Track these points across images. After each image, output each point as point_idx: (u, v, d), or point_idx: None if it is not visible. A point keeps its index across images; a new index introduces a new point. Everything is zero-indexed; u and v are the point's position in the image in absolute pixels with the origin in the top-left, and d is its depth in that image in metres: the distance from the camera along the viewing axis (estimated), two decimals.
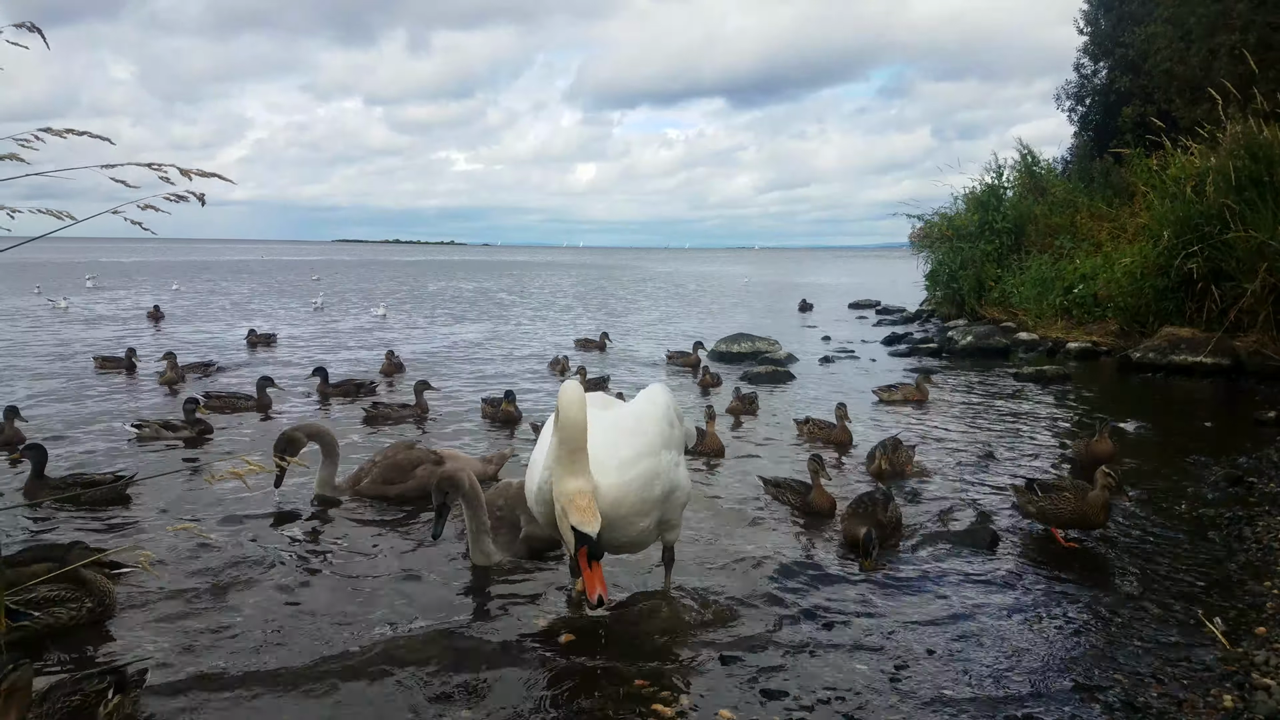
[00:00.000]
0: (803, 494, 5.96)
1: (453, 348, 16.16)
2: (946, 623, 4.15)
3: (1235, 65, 15.67)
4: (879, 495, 5.33)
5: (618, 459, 3.69)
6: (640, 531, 3.83)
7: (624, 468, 3.69)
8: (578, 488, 3.43)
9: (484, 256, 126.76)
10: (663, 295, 35.53)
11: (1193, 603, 4.34)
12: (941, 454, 7.66)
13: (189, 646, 3.84)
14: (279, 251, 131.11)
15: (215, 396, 9.67)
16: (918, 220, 22.88)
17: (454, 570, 4.86)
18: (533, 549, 5.00)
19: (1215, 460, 7.19)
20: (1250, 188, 12.16)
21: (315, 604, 4.35)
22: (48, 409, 9.41)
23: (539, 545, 5.00)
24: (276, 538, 5.37)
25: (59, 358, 13.69)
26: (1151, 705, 3.37)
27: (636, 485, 3.70)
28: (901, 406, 10.02)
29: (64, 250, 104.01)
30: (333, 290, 35.00)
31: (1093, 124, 24.75)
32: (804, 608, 4.30)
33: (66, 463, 7.07)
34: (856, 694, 3.48)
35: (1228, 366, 11.89)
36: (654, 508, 3.81)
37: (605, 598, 3.37)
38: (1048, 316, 16.94)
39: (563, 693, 3.49)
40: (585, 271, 65.54)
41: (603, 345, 15.56)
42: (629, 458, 3.71)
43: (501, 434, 8.57)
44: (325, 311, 24.15)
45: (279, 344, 16.13)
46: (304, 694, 3.47)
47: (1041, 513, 5.30)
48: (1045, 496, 5.29)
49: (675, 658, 3.78)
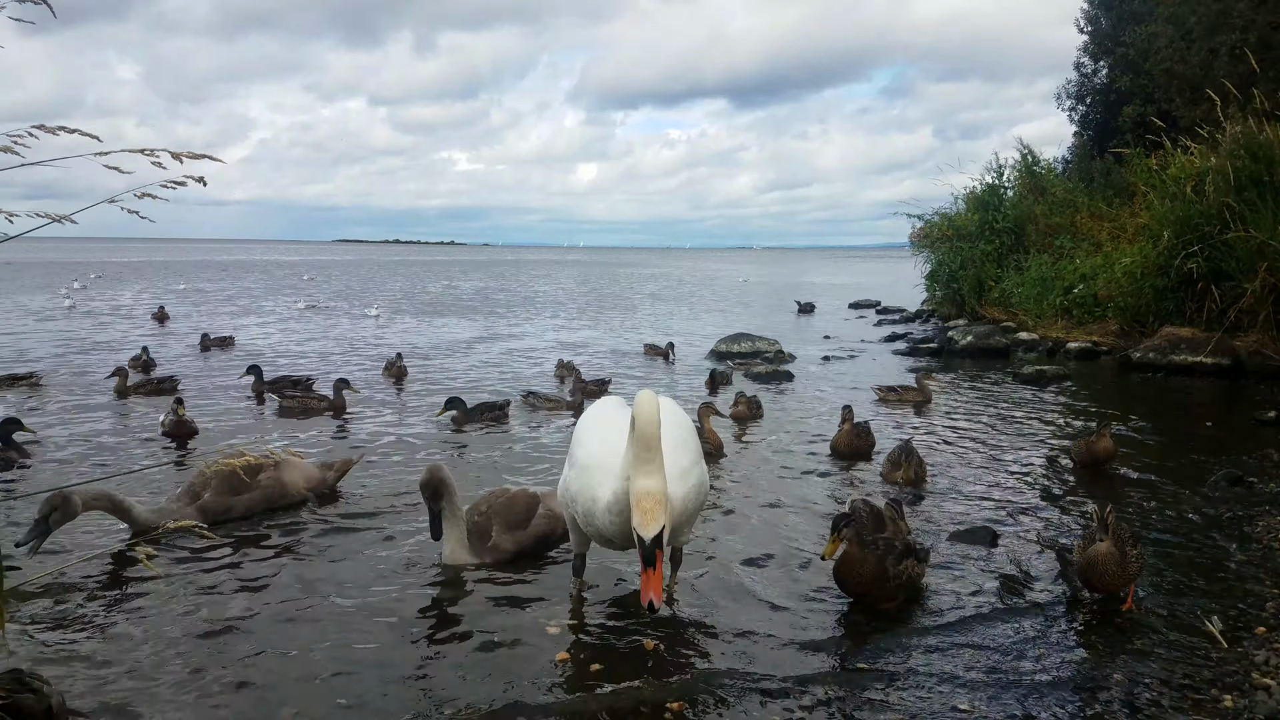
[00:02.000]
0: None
1: (450, 351, 16.15)
2: (944, 621, 4.15)
3: (1236, 65, 15.67)
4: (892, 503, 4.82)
5: (679, 468, 3.81)
6: (682, 537, 4.00)
7: (685, 477, 3.85)
8: (652, 487, 3.38)
9: (483, 256, 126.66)
10: (662, 295, 35.53)
11: (1193, 602, 4.33)
12: (941, 453, 7.65)
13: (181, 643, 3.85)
14: (280, 251, 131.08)
15: (289, 396, 9.64)
16: (918, 220, 22.91)
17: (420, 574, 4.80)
18: (498, 559, 4.89)
19: (1215, 460, 7.18)
20: (1250, 188, 12.15)
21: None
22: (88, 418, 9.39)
23: (504, 556, 4.90)
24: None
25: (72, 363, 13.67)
26: (1151, 705, 3.36)
27: (694, 494, 3.89)
28: (900, 406, 10.01)
29: (61, 250, 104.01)
30: (328, 290, 34.99)
31: (1093, 123, 24.76)
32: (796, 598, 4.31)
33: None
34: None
35: (1228, 366, 11.89)
36: (697, 514, 4.00)
37: (658, 604, 3.26)
38: (1048, 316, 16.94)
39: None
40: (587, 269, 65.56)
41: (667, 354, 14.44)
42: (686, 467, 3.87)
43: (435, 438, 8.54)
44: (316, 312, 23.97)
45: (235, 346, 15.55)
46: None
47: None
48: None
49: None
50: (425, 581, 4.63)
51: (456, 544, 4.83)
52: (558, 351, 14.63)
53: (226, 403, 10.02)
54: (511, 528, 4.99)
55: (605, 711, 3.33)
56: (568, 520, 4.29)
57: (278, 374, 11.23)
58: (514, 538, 4.95)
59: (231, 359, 13.86)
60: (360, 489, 6.37)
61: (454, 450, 7.75)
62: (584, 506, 3.89)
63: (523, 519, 5.03)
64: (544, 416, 9.37)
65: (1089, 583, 4.22)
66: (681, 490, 3.79)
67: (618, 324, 21.60)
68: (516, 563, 4.90)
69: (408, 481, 6.35)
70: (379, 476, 6.74)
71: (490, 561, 4.87)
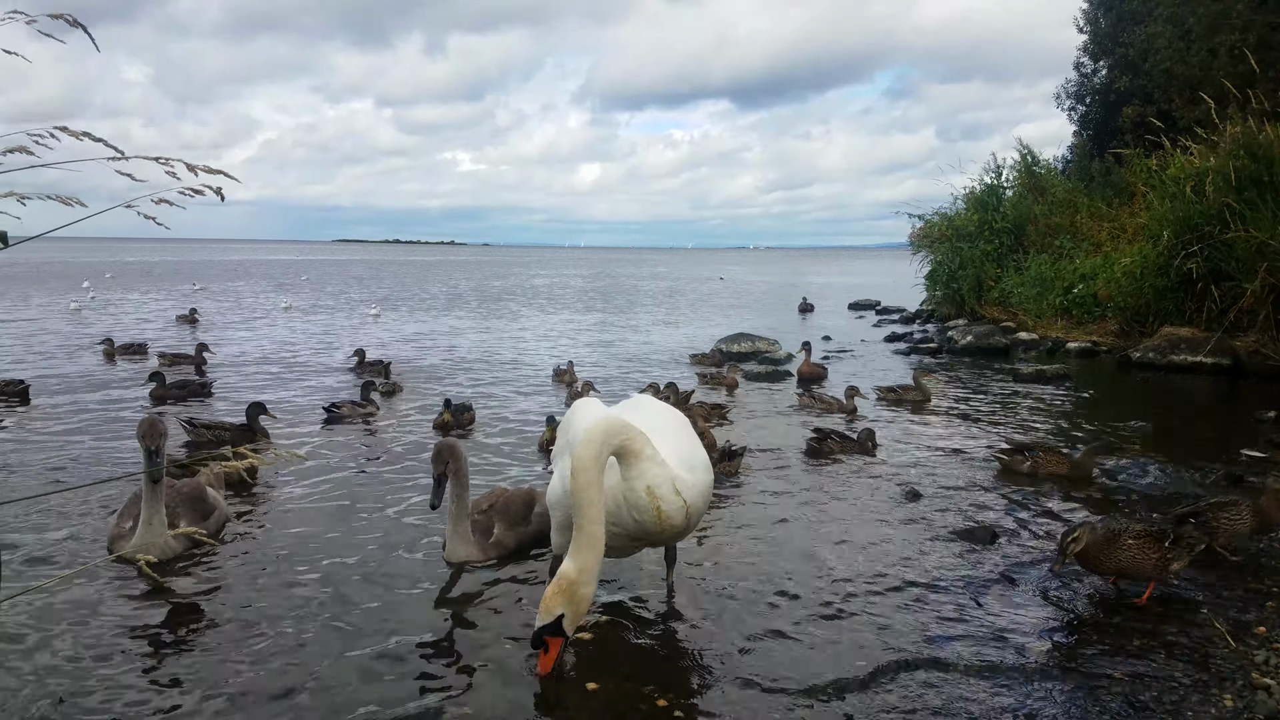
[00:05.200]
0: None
1: (449, 354, 16.15)
2: (942, 617, 4.16)
3: (1235, 65, 15.70)
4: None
5: (703, 463, 3.92)
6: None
7: (706, 471, 3.92)
8: (569, 571, 3.39)
9: (482, 256, 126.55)
10: (664, 295, 35.54)
11: (1193, 602, 4.34)
12: (940, 452, 7.66)
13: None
14: (280, 251, 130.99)
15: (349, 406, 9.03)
16: (918, 220, 22.92)
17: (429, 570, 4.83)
18: (501, 554, 4.98)
19: (1215, 460, 7.20)
20: (1250, 188, 12.17)
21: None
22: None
23: (506, 551, 5.00)
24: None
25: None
26: (1151, 704, 3.37)
27: (708, 491, 3.97)
28: (899, 406, 10.02)
29: (59, 250, 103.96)
30: (324, 290, 35.00)
31: (1092, 123, 24.77)
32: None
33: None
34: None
35: (1227, 366, 11.91)
36: (703, 513, 4.03)
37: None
38: (1047, 316, 16.95)
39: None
40: (589, 267, 65.56)
41: (720, 362, 13.49)
42: (702, 463, 3.94)
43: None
44: (307, 313, 23.84)
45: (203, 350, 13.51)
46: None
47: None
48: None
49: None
50: (430, 578, 4.65)
51: (460, 540, 4.88)
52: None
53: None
54: (513, 524, 5.08)
55: (605, 713, 3.35)
56: (556, 521, 4.22)
57: (181, 379, 10.53)
58: (515, 534, 5.05)
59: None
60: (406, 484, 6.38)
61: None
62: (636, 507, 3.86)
63: (523, 515, 5.14)
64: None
65: (1094, 569, 4.40)
66: (703, 487, 3.86)
67: (627, 324, 21.61)
68: (514, 557, 4.97)
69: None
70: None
71: (494, 557, 4.93)
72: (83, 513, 5.67)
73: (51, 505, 5.76)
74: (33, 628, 3.97)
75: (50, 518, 5.54)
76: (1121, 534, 4.28)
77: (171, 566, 4.73)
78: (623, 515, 3.68)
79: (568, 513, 4.09)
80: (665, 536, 3.82)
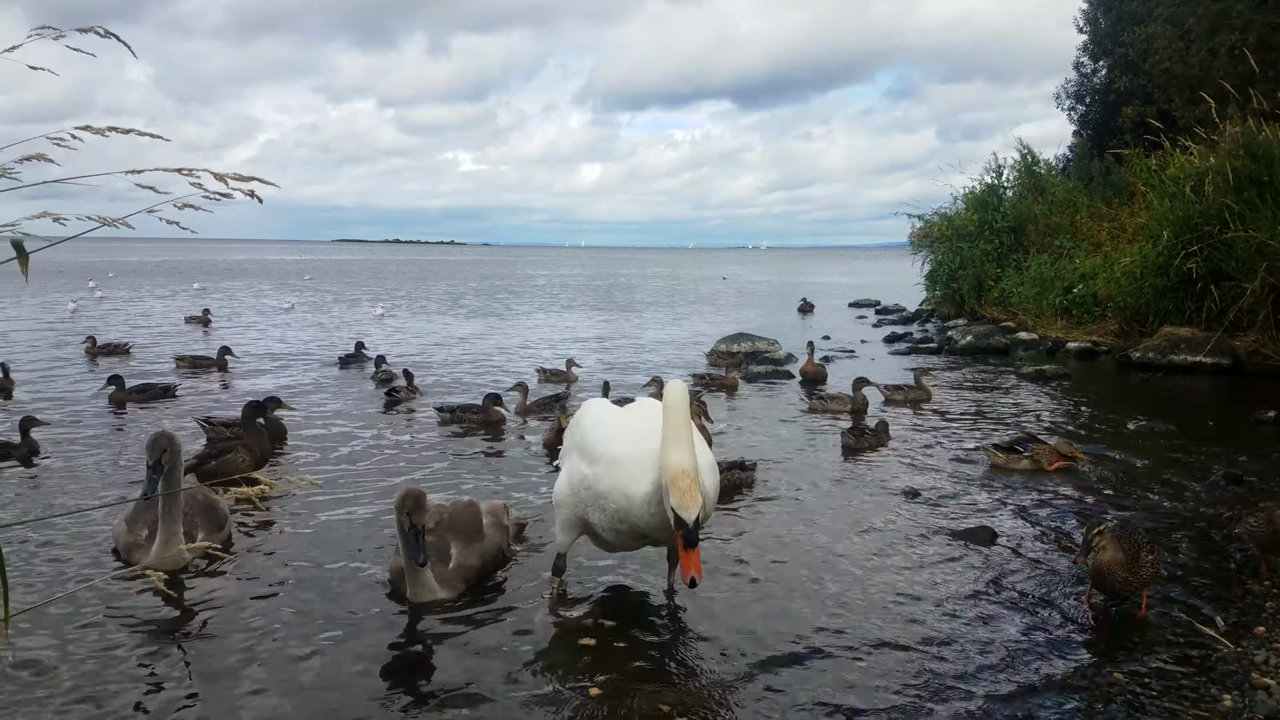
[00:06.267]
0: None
1: (457, 353, 16.16)
2: (943, 619, 4.18)
3: (1235, 65, 15.69)
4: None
5: (713, 464, 3.99)
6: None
7: (714, 470, 3.99)
8: (687, 464, 3.45)
9: (482, 256, 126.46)
10: (663, 295, 35.53)
11: (1193, 602, 4.35)
12: (940, 452, 7.68)
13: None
14: (280, 251, 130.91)
15: (447, 409, 8.75)
16: (918, 220, 22.92)
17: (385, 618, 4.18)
18: (469, 580, 4.44)
19: (1215, 460, 7.22)
20: (1250, 188, 12.17)
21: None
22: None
23: (473, 575, 4.47)
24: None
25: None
26: (1152, 704, 3.39)
27: (717, 488, 4.01)
28: (901, 406, 10.03)
29: (61, 251, 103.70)
30: (322, 290, 34.99)
31: (1092, 123, 24.77)
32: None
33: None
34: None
35: (1227, 366, 11.92)
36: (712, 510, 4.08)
37: (699, 580, 3.39)
38: (1047, 316, 16.96)
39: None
40: (589, 267, 65.50)
41: (739, 363, 13.67)
42: (711, 462, 4.00)
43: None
44: (304, 313, 23.80)
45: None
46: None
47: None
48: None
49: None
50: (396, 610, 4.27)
51: (423, 578, 4.24)
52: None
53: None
54: (470, 540, 4.51)
55: (606, 713, 3.37)
56: (562, 520, 4.20)
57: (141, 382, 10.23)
58: (476, 550, 4.50)
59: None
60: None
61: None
62: (617, 503, 3.82)
63: (475, 528, 4.57)
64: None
65: (1101, 586, 4.24)
66: (712, 484, 3.89)
67: (628, 324, 21.62)
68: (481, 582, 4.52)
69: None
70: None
71: (464, 589, 4.37)
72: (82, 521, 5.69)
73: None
74: (47, 639, 3.99)
75: (48, 529, 5.54)
76: (1139, 550, 4.12)
77: (180, 576, 4.72)
78: (634, 510, 3.75)
79: (574, 511, 4.11)
80: (674, 535, 3.81)
